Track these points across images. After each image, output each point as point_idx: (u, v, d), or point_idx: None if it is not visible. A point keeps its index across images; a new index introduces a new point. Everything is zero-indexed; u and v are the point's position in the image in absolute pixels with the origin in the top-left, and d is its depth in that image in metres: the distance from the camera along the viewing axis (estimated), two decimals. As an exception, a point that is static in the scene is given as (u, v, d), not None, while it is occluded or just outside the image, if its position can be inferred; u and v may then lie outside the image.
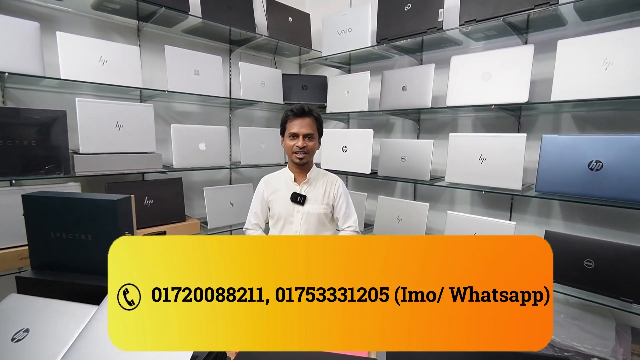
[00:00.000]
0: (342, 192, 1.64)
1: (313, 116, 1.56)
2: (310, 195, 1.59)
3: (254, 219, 1.66)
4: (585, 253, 1.46)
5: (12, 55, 1.46)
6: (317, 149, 1.62)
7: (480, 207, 2.09)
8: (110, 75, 1.74)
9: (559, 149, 1.51)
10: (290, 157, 1.58)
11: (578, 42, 1.47)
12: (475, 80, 1.77)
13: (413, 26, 1.97)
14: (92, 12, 1.89)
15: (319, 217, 1.58)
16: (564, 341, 1.43)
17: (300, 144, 1.52)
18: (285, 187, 1.61)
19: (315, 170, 1.64)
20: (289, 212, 1.58)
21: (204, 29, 2.20)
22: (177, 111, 2.31)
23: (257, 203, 1.66)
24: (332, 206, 1.62)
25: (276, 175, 1.68)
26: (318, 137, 1.60)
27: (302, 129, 1.52)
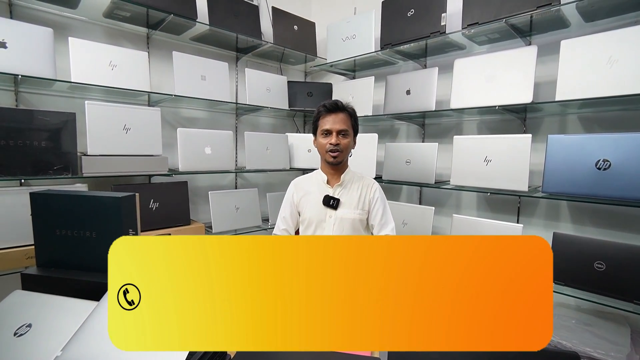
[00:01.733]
0: (379, 197, 1.51)
1: (347, 111, 1.45)
2: (344, 198, 1.47)
3: (283, 224, 1.56)
4: (596, 255, 1.42)
5: (25, 59, 1.51)
6: (353, 148, 1.50)
7: (487, 211, 2.06)
8: (119, 80, 1.79)
9: (565, 148, 1.49)
10: (324, 157, 1.47)
11: (581, 42, 1.46)
12: (479, 83, 1.78)
13: (416, 31, 1.99)
14: (103, 20, 1.95)
15: (353, 223, 1.46)
16: (575, 346, 1.38)
17: (334, 141, 1.41)
18: (318, 189, 1.50)
19: (350, 172, 1.52)
20: (320, 217, 1.46)
21: (212, 36, 2.25)
22: (184, 117, 2.35)
23: (286, 207, 1.56)
24: (367, 211, 1.50)
25: (308, 177, 1.58)
26: (353, 134, 1.48)
27: (335, 125, 1.41)
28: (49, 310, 1.08)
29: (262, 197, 2.44)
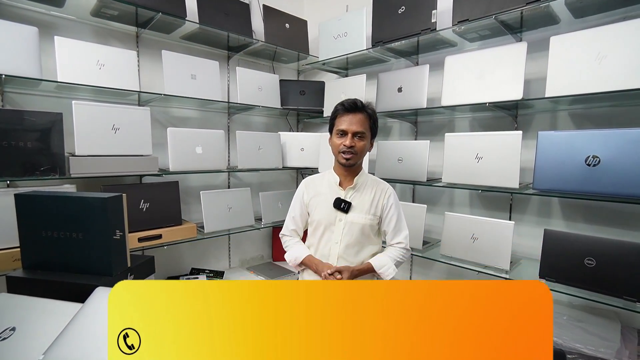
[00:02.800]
0: (393, 202, 1.44)
1: (367, 112, 1.37)
2: (356, 202, 1.40)
3: (292, 224, 1.52)
4: (586, 251, 1.42)
5: (10, 58, 1.49)
6: (369, 151, 1.44)
7: (479, 208, 2.06)
8: (107, 79, 1.77)
9: (555, 145, 1.49)
10: (337, 157, 1.40)
11: (571, 38, 1.46)
12: (469, 79, 1.77)
13: (407, 28, 1.99)
14: (91, 19, 1.93)
15: (363, 228, 1.40)
16: (566, 343, 1.38)
17: (349, 143, 1.33)
18: (329, 190, 1.44)
19: (364, 175, 1.46)
20: (330, 220, 1.40)
21: (202, 35, 2.23)
22: (175, 116, 2.33)
23: (296, 207, 1.51)
24: (379, 217, 1.44)
25: (320, 177, 1.52)
26: (371, 137, 1.41)
27: (352, 125, 1.34)
28: (33, 313, 1.07)
29: (255, 196, 2.42)
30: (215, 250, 2.58)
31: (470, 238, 1.76)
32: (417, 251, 2.00)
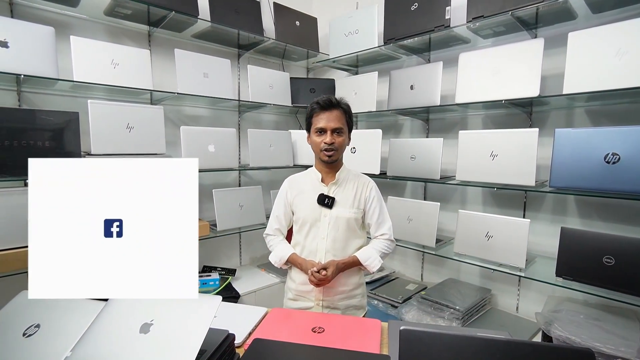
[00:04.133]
0: (375, 195, 1.46)
1: (342, 108, 1.40)
2: (340, 197, 1.42)
3: (276, 223, 1.52)
4: (604, 250, 1.41)
5: (27, 58, 1.50)
6: (347, 145, 1.47)
7: (493, 206, 2.04)
8: (121, 78, 1.78)
9: (573, 142, 1.47)
10: (318, 155, 1.43)
11: (590, 34, 1.44)
12: (484, 77, 1.76)
13: (420, 25, 1.97)
14: (104, 19, 1.94)
15: (349, 222, 1.42)
16: (585, 341, 1.37)
17: (329, 140, 1.36)
18: (312, 188, 1.45)
19: (345, 170, 1.48)
20: (315, 216, 1.42)
21: (213, 33, 2.23)
22: (187, 115, 2.34)
23: (280, 206, 1.51)
24: (363, 210, 1.46)
25: (302, 175, 1.53)
26: (348, 131, 1.43)
27: (329, 123, 1.36)
28: (57, 309, 1.08)
29: (265, 194, 2.43)
30: (226, 248, 2.59)
31: (484, 236, 1.75)
32: (430, 249, 2.00)
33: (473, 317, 1.87)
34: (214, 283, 2.14)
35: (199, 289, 2.10)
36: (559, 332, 1.43)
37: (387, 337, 1.14)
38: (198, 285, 0.81)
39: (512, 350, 0.76)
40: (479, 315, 1.90)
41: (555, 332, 1.44)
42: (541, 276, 1.61)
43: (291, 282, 1.50)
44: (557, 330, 1.44)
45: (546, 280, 1.56)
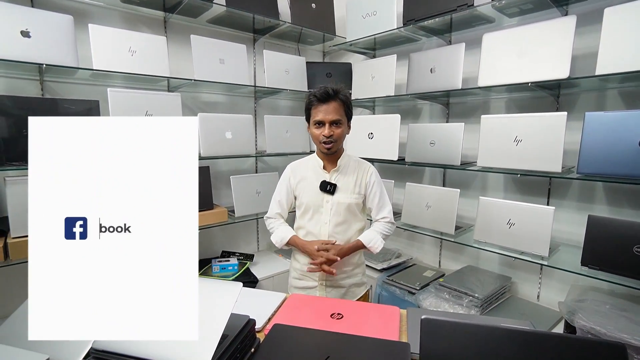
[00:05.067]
0: (375, 180, 1.50)
1: (339, 99, 1.40)
2: (341, 183, 1.47)
3: (277, 207, 1.56)
4: (635, 239, 1.36)
5: (48, 48, 1.52)
6: (347, 134, 1.49)
7: (515, 193, 1.99)
8: (139, 65, 1.78)
9: (605, 126, 1.40)
10: (318, 147, 1.46)
11: (628, 9, 1.34)
12: (509, 58, 1.68)
13: (441, 4, 1.89)
14: (121, 5, 1.94)
15: (350, 207, 1.46)
16: (611, 332, 1.34)
17: (327, 132, 1.38)
18: (314, 174, 1.49)
19: (346, 157, 1.51)
20: (318, 202, 1.46)
21: (228, 18, 2.20)
22: (204, 101, 2.34)
23: (282, 191, 1.55)
24: (363, 195, 1.50)
25: (304, 161, 1.57)
26: (347, 121, 1.45)
27: (327, 115, 1.38)
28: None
29: (282, 181, 2.43)
30: (245, 233, 2.63)
31: (506, 223, 1.71)
32: (449, 236, 1.97)
33: (492, 304, 1.85)
34: (232, 268, 2.19)
35: (219, 274, 2.13)
36: (584, 322, 1.39)
37: (405, 324, 1.14)
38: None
39: (537, 341, 0.75)
40: (498, 303, 1.87)
41: (579, 322, 1.40)
42: (565, 265, 1.57)
43: (296, 263, 1.56)
44: (581, 320, 1.40)
45: (571, 270, 1.51)
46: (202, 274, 2.15)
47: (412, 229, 2.13)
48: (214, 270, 2.16)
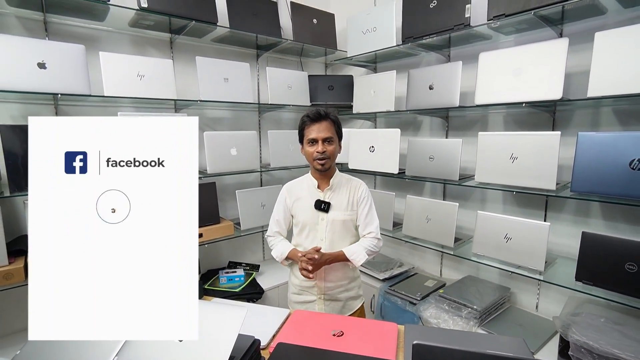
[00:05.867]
0: (365, 196, 1.57)
1: (330, 119, 1.50)
2: (335, 201, 1.54)
3: (276, 227, 1.64)
4: (627, 256, 1.40)
5: (62, 77, 1.60)
6: (339, 153, 1.57)
7: (513, 206, 2.03)
8: (147, 89, 1.86)
9: (597, 147, 1.44)
10: (312, 164, 1.53)
11: (617, 34, 1.38)
12: (505, 77, 1.72)
13: (439, 23, 1.93)
14: (129, 29, 2.02)
15: (344, 224, 1.54)
16: (602, 347, 1.38)
17: (320, 149, 1.47)
18: (309, 194, 1.57)
19: (338, 176, 1.59)
20: (313, 220, 1.54)
21: (232, 37, 2.27)
22: (209, 117, 2.42)
23: (279, 211, 1.63)
24: (356, 211, 1.57)
25: (299, 182, 1.64)
26: (338, 140, 1.54)
27: (320, 133, 1.47)
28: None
29: (286, 193, 2.50)
30: (251, 244, 2.71)
31: (503, 238, 1.75)
32: (449, 249, 2.02)
33: (491, 315, 1.90)
34: (239, 279, 2.26)
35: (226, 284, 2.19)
36: (577, 336, 1.44)
37: (403, 340, 1.20)
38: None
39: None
40: (497, 314, 1.92)
41: (572, 337, 1.44)
42: (561, 278, 1.61)
43: (294, 278, 1.63)
44: (574, 334, 1.45)
45: (565, 285, 1.56)
46: (210, 285, 2.23)
47: (413, 240, 2.18)
48: (222, 282, 2.24)
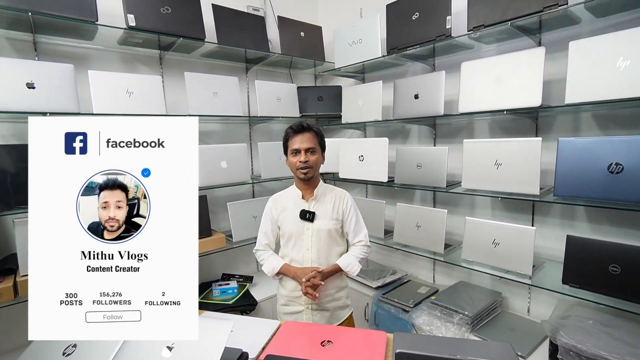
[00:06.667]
0: (351, 206, 1.62)
1: (313, 131, 1.56)
2: (319, 211, 1.57)
3: (265, 239, 1.67)
4: (610, 258, 1.42)
5: (51, 96, 1.62)
6: (322, 164, 1.62)
7: (502, 211, 2.05)
8: (136, 105, 1.88)
9: (577, 152, 1.47)
10: (296, 174, 1.58)
11: (590, 42, 1.43)
12: (486, 85, 1.76)
13: (422, 34, 1.98)
14: (118, 47, 2.05)
15: (330, 233, 1.57)
16: (590, 349, 1.39)
17: (303, 159, 1.52)
18: (294, 205, 1.60)
19: (322, 186, 1.63)
20: (299, 230, 1.57)
21: (221, 51, 2.31)
22: (200, 131, 2.43)
23: (266, 223, 1.66)
24: (341, 221, 1.61)
25: (284, 193, 1.68)
26: (321, 151, 1.59)
27: (302, 144, 1.52)
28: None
29: (278, 204, 2.52)
30: (243, 255, 2.71)
31: (491, 243, 1.78)
32: (439, 255, 2.03)
33: (483, 320, 1.91)
34: (232, 292, 2.26)
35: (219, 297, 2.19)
36: (565, 339, 1.45)
37: (392, 349, 1.21)
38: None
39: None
40: (489, 319, 1.93)
41: (561, 340, 1.46)
42: (549, 281, 1.63)
43: (282, 289, 1.65)
44: (563, 337, 1.46)
45: (553, 289, 1.58)
46: (203, 298, 2.23)
47: (404, 248, 2.20)
48: (215, 295, 2.24)
